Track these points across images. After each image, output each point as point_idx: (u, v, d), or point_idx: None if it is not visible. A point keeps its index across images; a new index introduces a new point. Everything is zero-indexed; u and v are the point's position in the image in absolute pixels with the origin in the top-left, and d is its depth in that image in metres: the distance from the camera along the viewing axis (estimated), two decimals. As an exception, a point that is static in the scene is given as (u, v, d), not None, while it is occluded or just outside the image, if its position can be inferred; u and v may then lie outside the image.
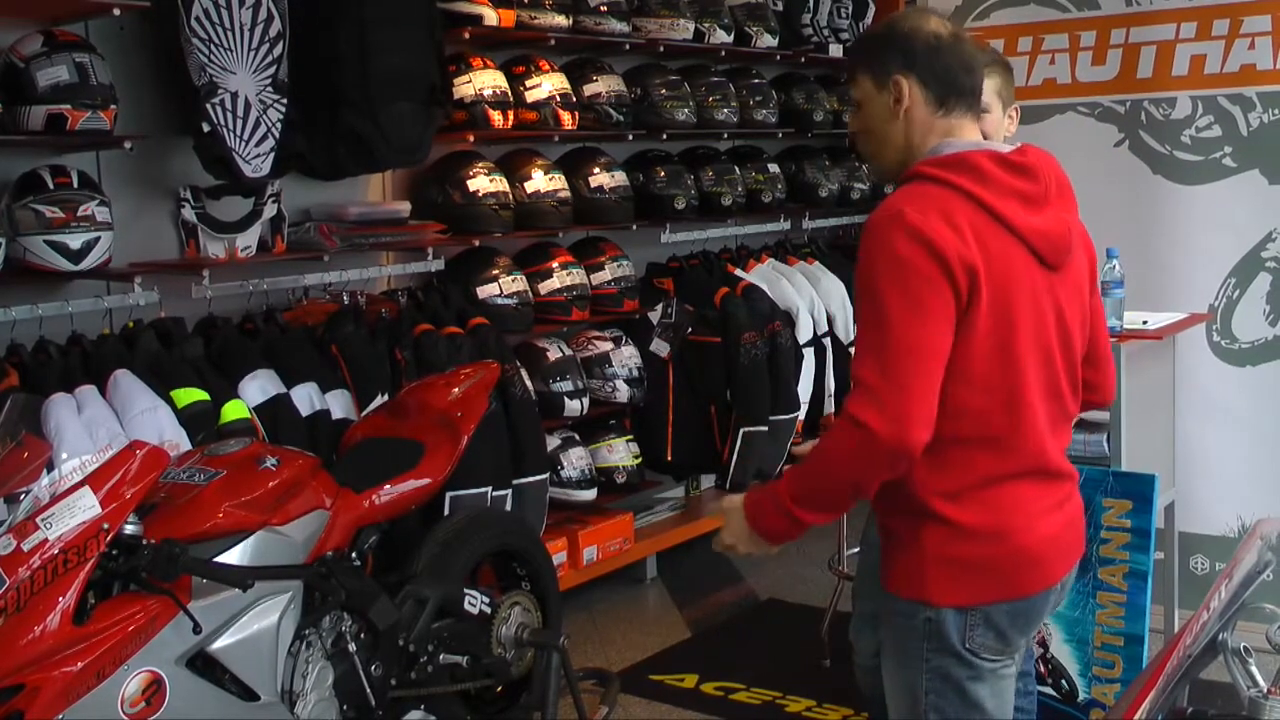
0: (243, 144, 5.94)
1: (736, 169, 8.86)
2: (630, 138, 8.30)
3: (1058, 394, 3.48)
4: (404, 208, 7.10)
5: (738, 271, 8.77)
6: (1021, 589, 3.44)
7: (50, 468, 4.35)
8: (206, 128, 5.86)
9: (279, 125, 6.08)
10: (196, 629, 4.25)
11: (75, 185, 5.60)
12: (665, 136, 8.48)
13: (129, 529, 4.16)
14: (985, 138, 3.92)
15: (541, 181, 7.54)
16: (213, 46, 5.86)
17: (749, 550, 3.55)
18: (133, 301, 5.89)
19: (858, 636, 4.79)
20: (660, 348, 8.16)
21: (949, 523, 3.36)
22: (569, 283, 7.57)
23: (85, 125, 5.52)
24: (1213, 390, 6.66)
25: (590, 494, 7.57)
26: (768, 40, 9.07)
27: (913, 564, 3.44)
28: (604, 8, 7.84)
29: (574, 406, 7.45)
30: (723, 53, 8.90)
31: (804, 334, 8.75)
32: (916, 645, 3.47)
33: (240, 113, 5.93)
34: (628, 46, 8.18)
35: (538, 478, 6.87)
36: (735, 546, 3.56)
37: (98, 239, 5.58)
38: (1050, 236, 3.38)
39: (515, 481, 6.67)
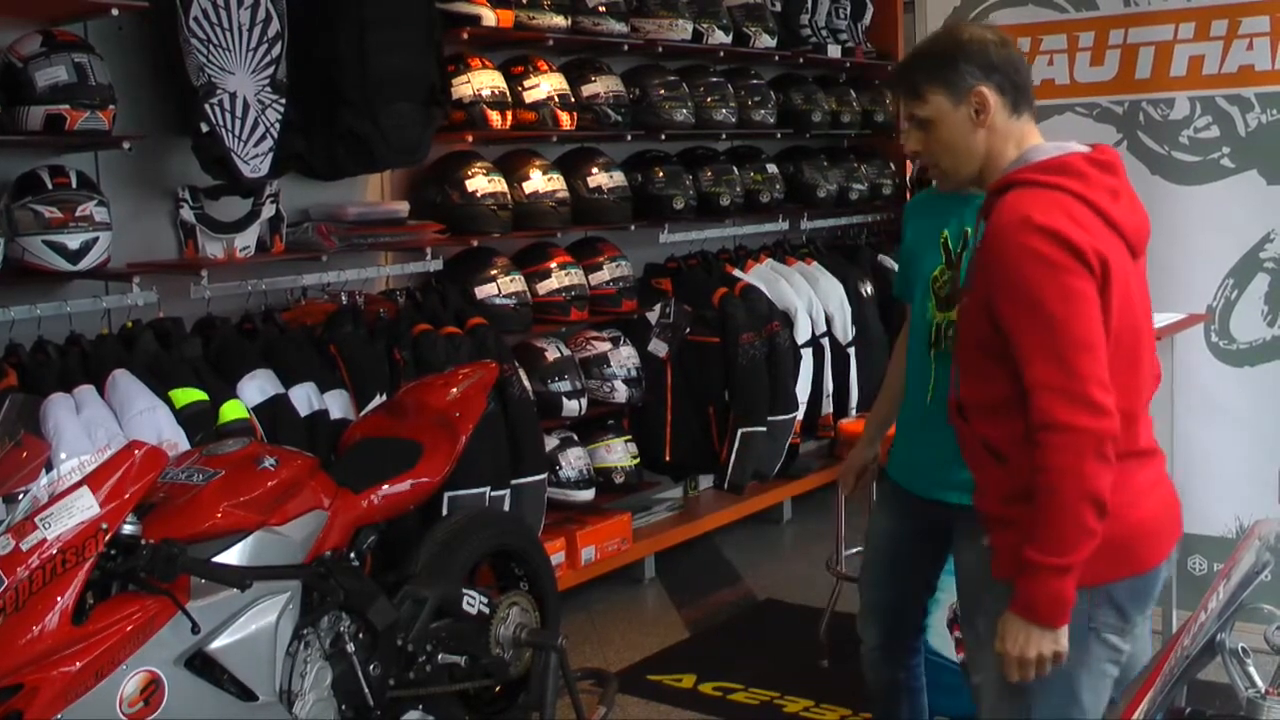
0: (241, 144, 5.94)
1: (735, 169, 8.87)
2: (629, 138, 8.31)
3: (1147, 378, 3.59)
4: (402, 208, 7.10)
5: (736, 272, 8.78)
6: (1140, 564, 3.52)
7: (49, 468, 4.35)
8: (205, 128, 5.86)
9: (278, 125, 6.08)
10: (195, 629, 4.25)
11: (74, 185, 5.61)
12: (664, 137, 8.49)
13: (127, 529, 4.16)
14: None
15: (540, 182, 7.54)
16: (211, 47, 5.86)
17: (1043, 651, 3.37)
18: (131, 301, 5.89)
19: (865, 628, 4.77)
20: (658, 348, 8.16)
21: None
22: (567, 283, 7.57)
23: (84, 125, 5.53)
24: (1211, 391, 6.66)
25: (588, 494, 7.58)
26: (766, 41, 9.08)
27: None
28: (602, 8, 7.84)
29: (572, 407, 7.45)
30: (721, 53, 8.91)
31: (802, 334, 8.77)
32: None
33: (239, 113, 5.93)
34: (626, 47, 8.18)
35: (536, 478, 6.87)
36: (1028, 656, 3.39)
37: (96, 239, 5.58)
38: (1135, 227, 3.51)
39: (513, 481, 6.67)
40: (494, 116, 7.23)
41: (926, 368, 4.34)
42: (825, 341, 8.98)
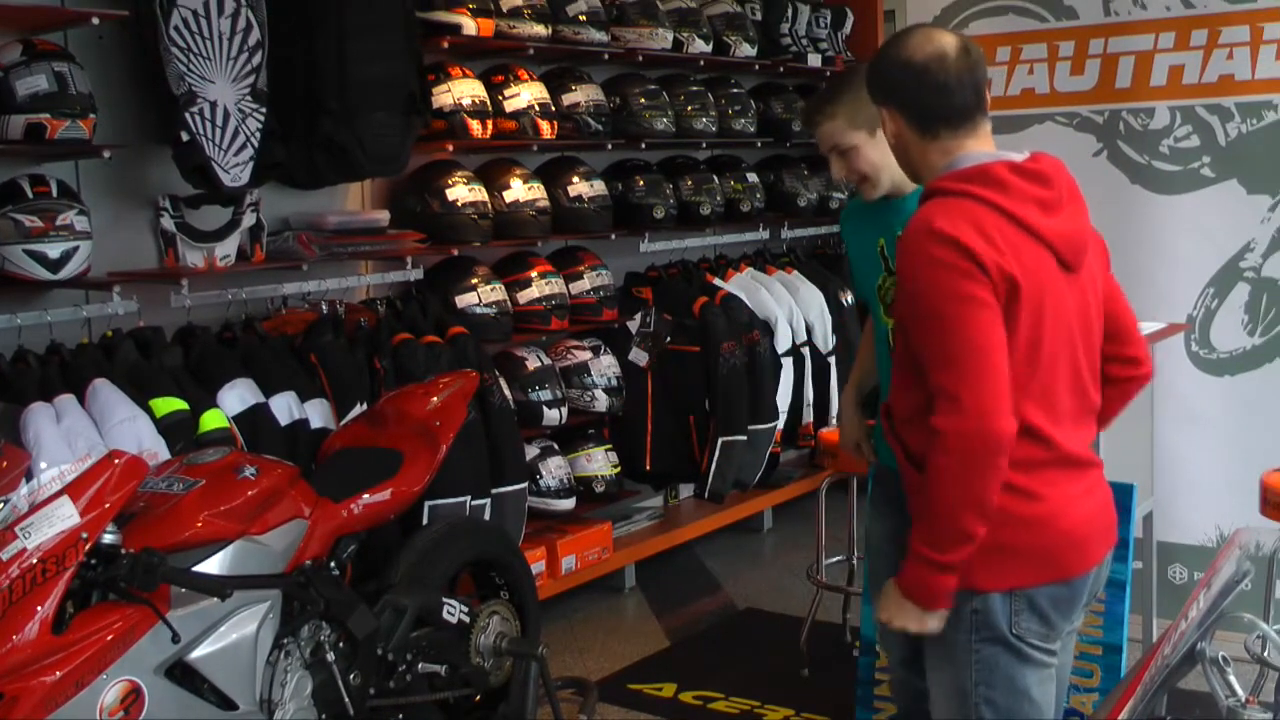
0: (222, 153, 5.94)
1: (715, 178, 8.88)
2: (609, 147, 8.31)
3: (1082, 389, 3.60)
4: (383, 217, 7.09)
5: (716, 281, 8.78)
6: (1063, 571, 3.56)
7: (29, 477, 4.33)
8: (185, 137, 5.85)
9: (258, 134, 6.08)
10: (175, 638, 4.24)
11: (54, 194, 5.60)
12: (644, 146, 8.48)
13: (108, 538, 4.16)
14: (871, 167, 4.14)
15: (520, 191, 7.54)
16: (192, 56, 5.85)
17: (910, 625, 3.54)
18: (111, 311, 5.88)
19: (885, 642, 4.75)
20: (639, 357, 8.17)
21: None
22: (548, 292, 7.57)
23: (64, 134, 5.51)
24: (1191, 400, 6.67)
25: (569, 503, 7.57)
26: (746, 50, 9.09)
27: None
28: (583, 17, 7.85)
29: (553, 416, 7.45)
30: (701, 62, 8.91)
31: (782, 343, 8.78)
32: (965, 638, 3.57)
33: (219, 122, 5.92)
34: (606, 56, 8.17)
35: (516, 487, 6.86)
36: (892, 620, 3.57)
37: (76, 248, 5.57)
38: (1068, 239, 3.48)
39: (494, 491, 6.67)
40: (474, 125, 7.23)
41: (890, 372, 4.37)
42: (806, 350, 8.99)
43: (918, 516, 3.54)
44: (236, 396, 5.86)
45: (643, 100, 8.33)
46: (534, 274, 7.59)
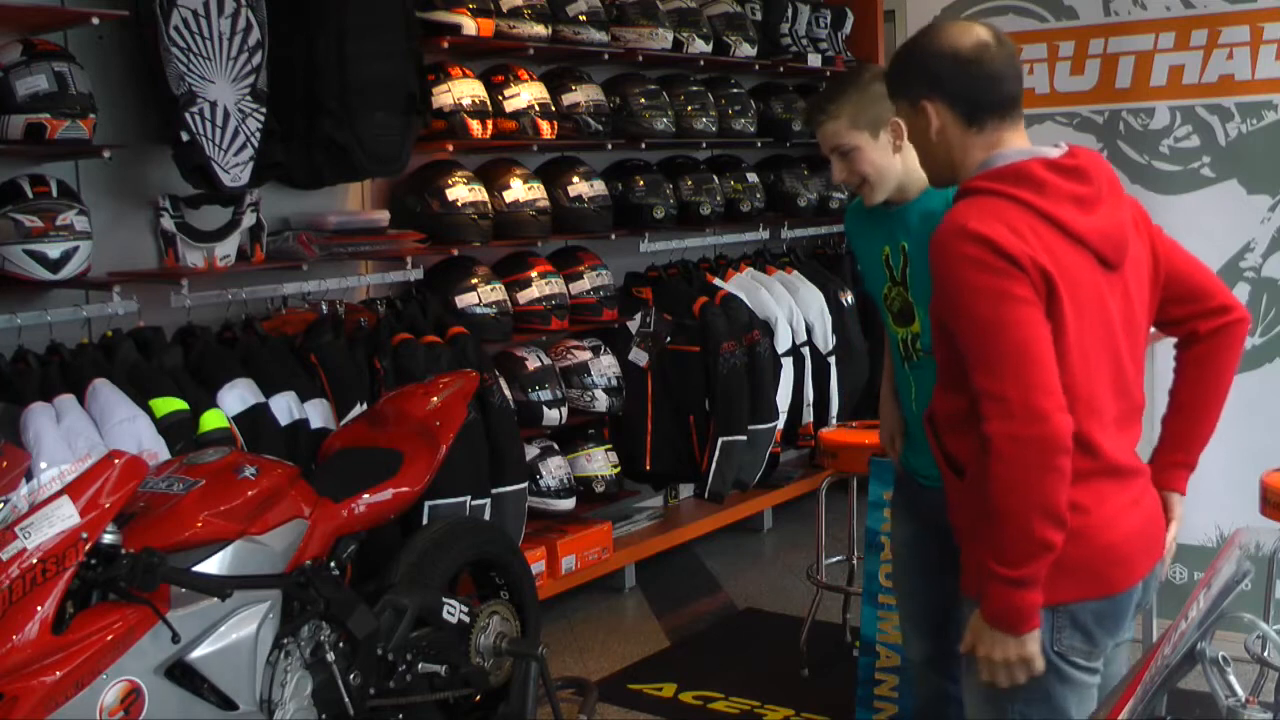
0: (221, 153, 5.93)
1: (715, 178, 8.88)
2: (609, 147, 8.31)
3: (1125, 390, 3.49)
4: (383, 217, 7.09)
5: (716, 281, 8.78)
6: (1109, 586, 3.44)
7: (29, 477, 4.33)
8: (185, 137, 5.85)
9: (258, 134, 6.07)
10: (175, 638, 4.25)
11: (54, 194, 5.61)
12: (644, 146, 8.48)
13: (108, 538, 4.16)
14: (873, 169, 4.11)
15: (520, 191, 7.54)
16: (192, 56, 5.85)
17: (1009, 655, 3.34)
18: (111, 311, 5.88)
19: (909, 642, 4.73)
20: (639, 357, 8.17)
21: None
22: (548, 292, 7.57)
23: (64, 134, 5.52)
24: (1191, 400, 6.66)
25: (569, 503, 7.57)
26: (746, 50, 9.09)
27: None
28: (583, 17, 7.85)
29: (553, 416, 7.45)
30: (701, 62, 8.91)
31: (782, 343, 8.77)
32: None
33: (219, 122, 5.92)
34: (606, 56, 8.17)
35: (516, 487, 6.86)
36: (993, 658, 3.35)
37: (76, 248, 5.57)
38: (1108, 236, 3.38)
39: (494, 491, 6.67)
40: (474, 125, 7.23)
41: (906, 379, 4.36)
42: (806, 350, 8.98)
43: (968, 535, 3.50)
44: (236, 396, 5.86)
45: (643, 100, 8.33)
46: (534, 274, 7.59)
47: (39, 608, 3.96)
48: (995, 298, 3.20)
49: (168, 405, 5.55)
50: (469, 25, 7.16)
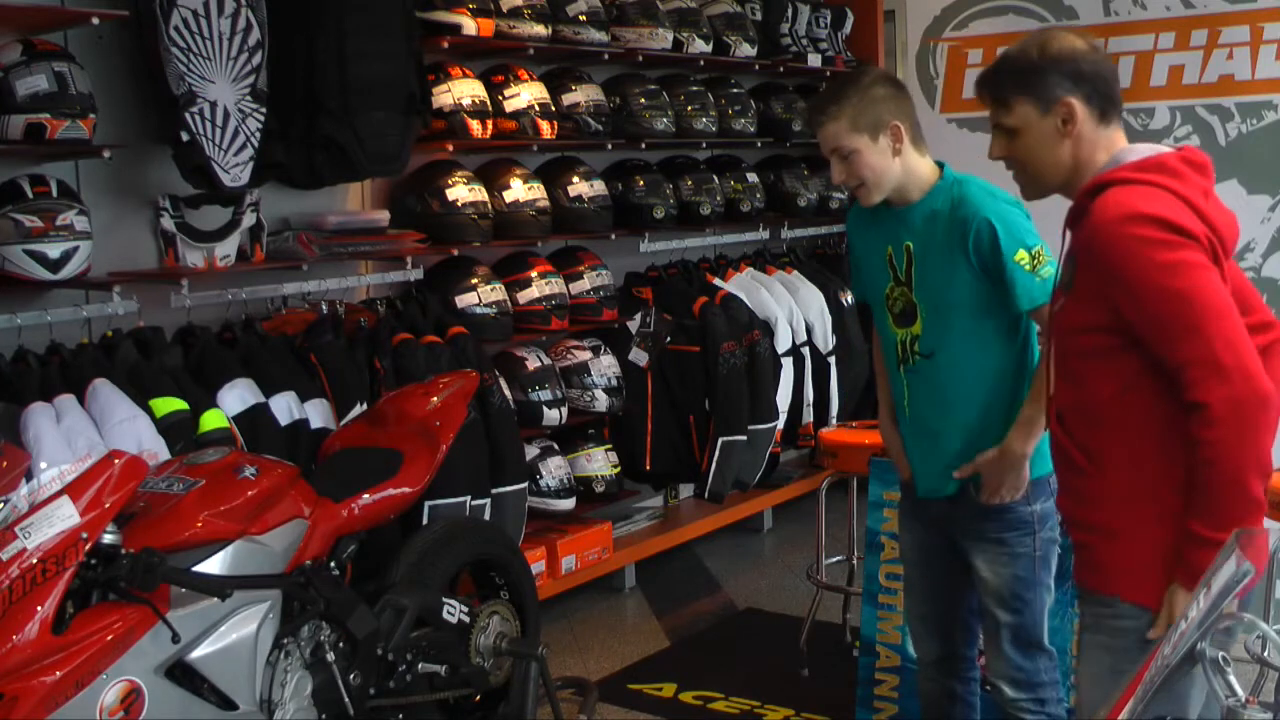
0: (221, 153, 5.93)
1: (715, 178, 8.88)
2: (609, 147, 8.31)
3: None
4: (383, 217, 7.09)
5: (716, 281, 8.78)
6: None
7: (29, 477, 4.33)
8: (185, 137, 5.85)
9: (258, 134, 6.07)
10: (175, 638, 4.25)
11: (54, 194, 5.61)
12: (644, 146, 8.48)
13: (108, 538, 4.16)
14: (872, 172, 4.15)
15: (520, 191, 7.54)
16: (192, 56, 5.85)
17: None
18: (111, 311, 5.88)
19: (919, 644, 4.73)
20: (639, 357, 8.17)
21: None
22: (548, 292, 7.57)
23: (64, 134, 5.52)
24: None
25: (569, 503, 7.57)
26: (746, 50, 9.08)
27: (1140, 563, 3.37)
28: (583, 17, 7.85)
29: (553, 416, 7.45)
30: (701, 62, 8.91)
31: (782, 343, 8.77)
32: (1133, 657, 3.30)
33: (219, 122, 5.92)
34: (606, 56, 8.16)
35: (516, 487, 6.86)
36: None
37: (76, 248, 5.57)
38: (1231, 227, 3.46)
39: (494, 491, 6.68)
40: (474, 125, 7.23)
41: (900, 384, 4.36)
42: (806, 350, 8.99)
43: (1104, 530, 3.43)
44: (236, 396, 5.86)
45: (643, 100, 8.32)
46: (534, 274, 7.59)
47: (39, 608, 3.96)
48: (1185, 269, 3.24)
49: (168, 405, 5.55)
50: (469, 25, 7.16)
